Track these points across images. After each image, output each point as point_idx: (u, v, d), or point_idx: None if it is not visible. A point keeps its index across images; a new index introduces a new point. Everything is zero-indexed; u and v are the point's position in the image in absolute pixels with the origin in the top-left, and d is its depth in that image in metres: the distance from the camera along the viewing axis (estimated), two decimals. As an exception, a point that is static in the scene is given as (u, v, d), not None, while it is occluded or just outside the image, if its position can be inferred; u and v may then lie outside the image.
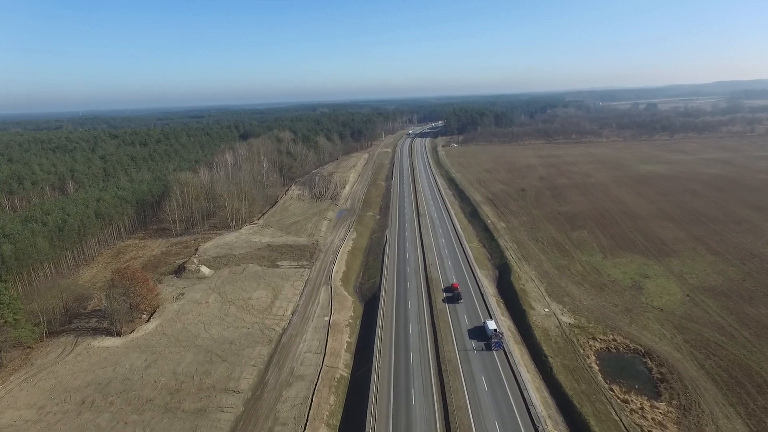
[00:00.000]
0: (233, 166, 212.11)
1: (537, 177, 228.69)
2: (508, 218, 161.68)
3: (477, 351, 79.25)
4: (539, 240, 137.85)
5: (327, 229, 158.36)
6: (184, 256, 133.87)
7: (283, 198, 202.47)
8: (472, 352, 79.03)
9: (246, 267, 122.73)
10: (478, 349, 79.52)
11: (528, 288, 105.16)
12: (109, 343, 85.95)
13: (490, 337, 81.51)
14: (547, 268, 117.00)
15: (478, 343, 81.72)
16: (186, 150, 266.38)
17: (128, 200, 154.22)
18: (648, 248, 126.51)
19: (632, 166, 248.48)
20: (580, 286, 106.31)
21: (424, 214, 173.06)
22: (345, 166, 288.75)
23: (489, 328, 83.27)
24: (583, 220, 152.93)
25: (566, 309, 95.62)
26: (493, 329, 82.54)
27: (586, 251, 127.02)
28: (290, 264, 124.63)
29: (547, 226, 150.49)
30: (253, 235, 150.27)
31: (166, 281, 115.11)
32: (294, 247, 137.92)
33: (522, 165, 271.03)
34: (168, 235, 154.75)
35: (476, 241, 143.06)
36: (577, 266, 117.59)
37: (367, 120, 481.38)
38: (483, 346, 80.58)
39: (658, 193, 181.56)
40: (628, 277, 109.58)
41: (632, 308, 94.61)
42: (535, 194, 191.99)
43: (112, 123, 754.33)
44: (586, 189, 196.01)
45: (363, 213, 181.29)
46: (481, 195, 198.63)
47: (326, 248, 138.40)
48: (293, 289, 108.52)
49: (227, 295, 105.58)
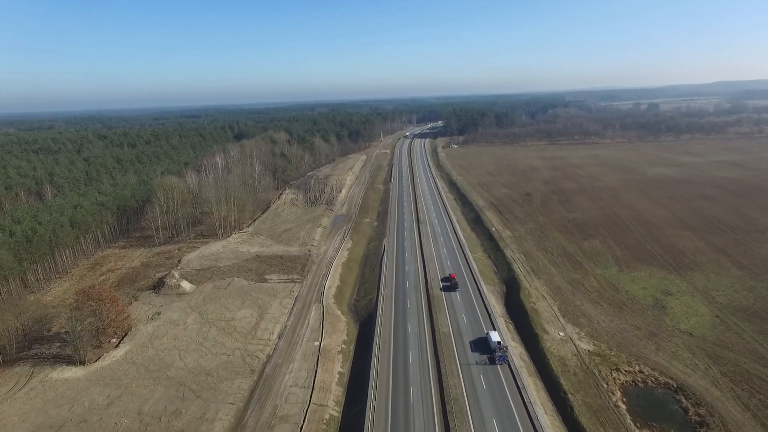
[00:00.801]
0: (224, 169, 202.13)
1: (542, 180, 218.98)
2: (513, 226, 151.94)
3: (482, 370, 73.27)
4: (548, 250, 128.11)
5: (321, 238, 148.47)
6: (165, 268, 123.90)
7: (275, 203, 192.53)
8: (481, 387, 69.28)
9: (231, 281, 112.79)
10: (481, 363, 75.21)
11: (540, 307, 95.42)
12: (69, 375, 75.99)
13: (494, 350, 76.88)
14: (559, 283, 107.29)
15: (481, 356, 77.38)
16: (176, 151, 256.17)
17: (108, 207, 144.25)
18: (667, 260, 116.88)
19: (640, 168, 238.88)
20: (597, 304, 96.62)
21: (425, 221, 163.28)
22: (342, 168, 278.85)
23: (492, 340, 78.74)
24: (594, 228, 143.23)
25: (583, 333, 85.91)
26: (497, 341, 77.97)
27: (600, 263, 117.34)
28: (279, 278, 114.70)
29: (556, 234, 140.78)
30: (241, 245, 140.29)
31: (142, 298, 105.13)
32: (285, 258, 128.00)
33: (525, 167, 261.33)
34: (151, 244, 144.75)
35: (480, 252, 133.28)
36: (591, 281, 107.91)
37: (365, 120, 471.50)
38: (486, 359, 76.14)
39: (671, 199, 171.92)
40: (648, 294, 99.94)
41: (657, 332, 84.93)
42: (541, 199, 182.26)
43: (107, 123, 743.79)
44: (595, 194, 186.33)
45: (360, 219, 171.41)
46: (484, 200, 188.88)
47: (319, 259, 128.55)
48: (281, 308, 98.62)
49: (208, 315, 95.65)
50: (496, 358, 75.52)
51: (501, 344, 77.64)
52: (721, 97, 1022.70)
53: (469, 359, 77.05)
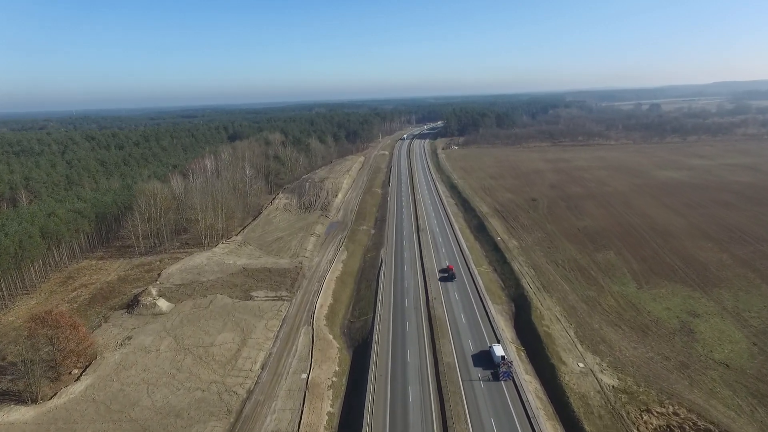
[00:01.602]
0: (213, 173, 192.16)
1: (547, 185, 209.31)
2: (520, 235, 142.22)
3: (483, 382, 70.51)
4: (559, 264, 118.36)
5: (314, 248, 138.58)
6: (143, 282, 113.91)
7: (267, 208, 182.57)
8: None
9: (214, 299, 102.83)
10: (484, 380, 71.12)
11: (554, 331, 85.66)
12: (16, 417, 65.98)
13: (498, 365, 72.46)
14: (574, 302, 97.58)
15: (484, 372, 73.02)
16: (166, 153, 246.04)
17: (86, 214, 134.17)
18: (689, 275, 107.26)
19: (649, 172, 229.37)
20: (617, 328, 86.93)
21: (425, 229, 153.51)
22: (338, 170, 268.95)
23: (496, 355, 74.17)
24: (607, 239, 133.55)
25: (605, 363, 76.18)
26: (501, 356, 73.52)
27: (617, 279, 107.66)
28: (267, 295, 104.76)
29: (566, 245, 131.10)
30: (227, 256, 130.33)
31: (114, 319, 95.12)
32: (273, 272, 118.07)
33: (529, 170, 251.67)
34: (131, 255, 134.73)
35: (485, 264, 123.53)
36: (608, 299, 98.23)
37: (363, 121, 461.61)
38: (489, 375, 71.91)
39: (686, 205, 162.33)
40: (673, 316, 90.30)
41: (689, 363, 75.27)
42: (548, 205, 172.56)
43: (102, 123, 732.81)
44: (604, 199, 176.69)
45: (356, 227, 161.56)
46: (488, 205, 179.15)
47: (311, 273, 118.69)
48: (266, 331, 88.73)
49: (184, 340, 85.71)
50: (500, 375, 70.97)
51: (505, 359, 73.16)
52: (723, 98, 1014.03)
53: (477, 396, 67.33)
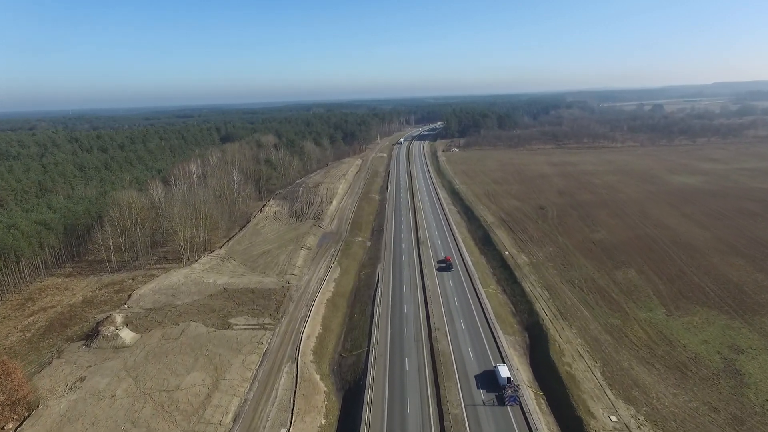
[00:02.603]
0: (199, 178, 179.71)
1: (555, 191, 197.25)
2: (529, 249, 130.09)
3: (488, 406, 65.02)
4: (576, 284, 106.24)
5: (304, 263, 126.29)
6: (110, 305, 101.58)
7: (256, 217, 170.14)
8: None
9: (187, 327, 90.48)
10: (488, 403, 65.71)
11: (577, 372, 73.53)
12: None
13: (503, 387, 67.08)
14: (596, 333, 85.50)
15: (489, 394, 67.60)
16: (152, 157, 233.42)
17: (53, 226, 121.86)
18: (724, 299, 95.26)
19: (662, 177, 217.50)
20: (651, 367, 74.83)
21: (425, 241, 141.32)
22: (334, 174, 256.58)
23: (501, 376, 68.52)
24: (625, 254, 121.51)
25: (641, 415, 64.10)
26: (506, 377, 68.22)
27: (642, 303, 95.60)
28: (247, 323, 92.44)
29: (582, 261, 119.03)
30: (207, 273, 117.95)
31: (68, 353, 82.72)
32: (257, 293, 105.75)
33: (534, 174, 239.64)
34: (102, 271, 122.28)
35: (493, 284, 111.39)
36: (635, 329, 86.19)
37: (361, 122, 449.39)
38: (494, 399, 66.43)
39: (707, 215, 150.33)
40: (713, 351, 78.29)
41: (743, 416, 63.22)
42: (558, 214, 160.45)
43: (95, 123, 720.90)
44: (618, 208, 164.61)
45: (351, 238, 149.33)
46: (493, 214, 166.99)
47: (299, 294, 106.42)
48: (243, 370, 76.43)
49: (146, 382, 73.36)
50: (506, 399, 65.50)
51: (511, 381, 67.99)
52: (725, 98, 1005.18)
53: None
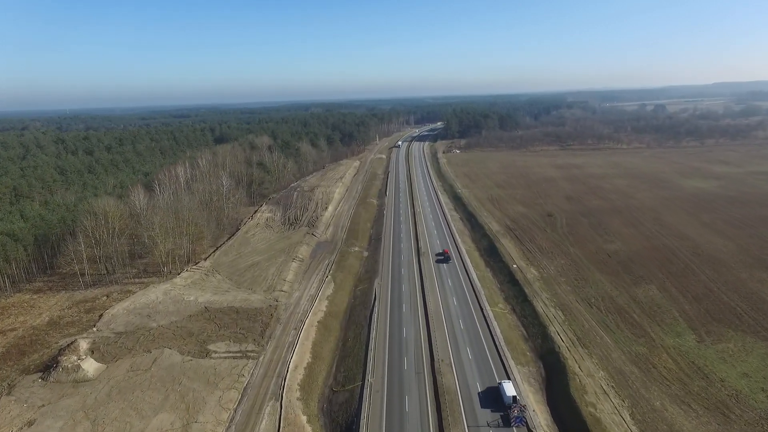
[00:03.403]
0: (186, 183, 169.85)
1: (563, 196, 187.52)
2: (539, 261, 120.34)
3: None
4: (592, 303, 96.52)
5: (295, 277, 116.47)
6: (78, 328, 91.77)
7: (246, 225, 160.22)
8: None
9: (159, 356, 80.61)
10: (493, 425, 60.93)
11: (603, 414, 63.74)
12: None
13: (509, 407, 62.90)
14: (620, 363, 75.76)
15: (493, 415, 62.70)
16: (141, 159, 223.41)
17: (21, 238, 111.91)
18: (759, 322, 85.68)
19: (674, 181, 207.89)
20: (686, 407, 65.10)
21: (426, 252, 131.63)
22: (331, 177, 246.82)
23: (506, 395, 64.09)
24: (644, 267, 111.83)
25: (684, 472, 54.28)
26: (512, 396, 63.79)
27: (668, 327, 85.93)
28: (228, 350, 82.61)
29: (597, 276, 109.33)
30: (188, 289, 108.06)
31: (21, 389, 72.75)
32: (241, 313, 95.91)
33: (539, 178, 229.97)
34: (75, 286, 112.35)
35: (501, 302, 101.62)
36: (663, 358, 76.55)
37: (359, 122, 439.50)
38: (499, 419, 61.74)
39: (728, 224, 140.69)
40: (756, 387, 68.68)
41: (804, 475, 53.47)
42: (567, 222, 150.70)
43: (90, 123, 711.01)
44: (631, 215, 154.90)
45: (347, 248, 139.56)
46: (498, 221, 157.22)
47: (288, 313, 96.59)
48: (219, 410, 66.57)
49: (105, 427, 63.49)
50: (512, 420, 61.01)
51: (517, 400, 63.68)
52: (726, 99, 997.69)
53: None
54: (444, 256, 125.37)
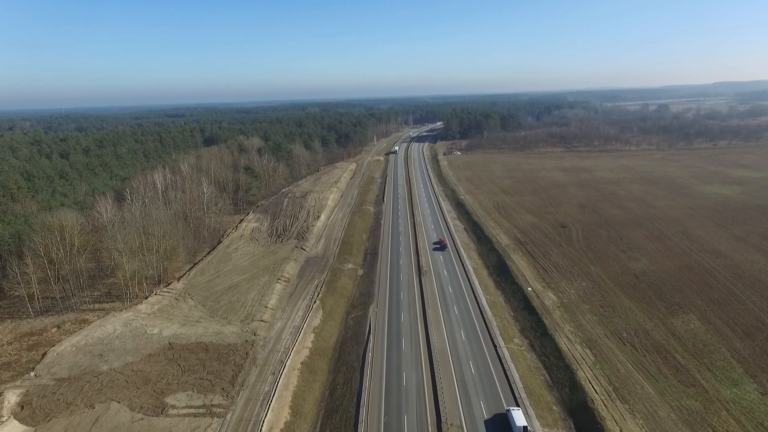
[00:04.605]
0: (168, 189, 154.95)
1: (575, 204, 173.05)
2: (557, 282, 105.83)
3: None
4: (625, 339, 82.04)
5: (279, 302, 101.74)
6: (14, 371, 76.99)
7: (229, 237, 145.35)
8: None
9: (104, 413, 65.80)
10: None
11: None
12: None
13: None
14: (671, 426, 61.26)
15: None
16: (121, 162, 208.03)
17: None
18: (831, 367, 71.23)
19: (693, 187, 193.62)
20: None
21: (429, 271, 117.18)
22: (325, 182, 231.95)
23: (516, 425, 58.26)
24: (679, 292, 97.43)
25: None
26: (523, 426, 57.89)
27: (720, 371, 71.53)
28: (190, 403, 67.81)
29: (625, 302, 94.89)
30: (153, 319, 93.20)
31: None
32: (211, 352, 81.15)
33: (547, 183, 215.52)
34: (23, 314, 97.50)
35: (517, 336, 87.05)
36: (723, 417, 62.18)
37: (356, 122, 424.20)
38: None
39: (765, 238, 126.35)
40: None
41: None
42: (584, 235, 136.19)
43: (82, 122, 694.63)
44: (654, 227, 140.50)
45: (339, 265, 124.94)
46: (506, 233, 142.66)
47: (267, 351, 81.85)
48: (167, 498, 51.77)
49: None
50: None
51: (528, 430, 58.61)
52: (729, 98, 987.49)
53: None
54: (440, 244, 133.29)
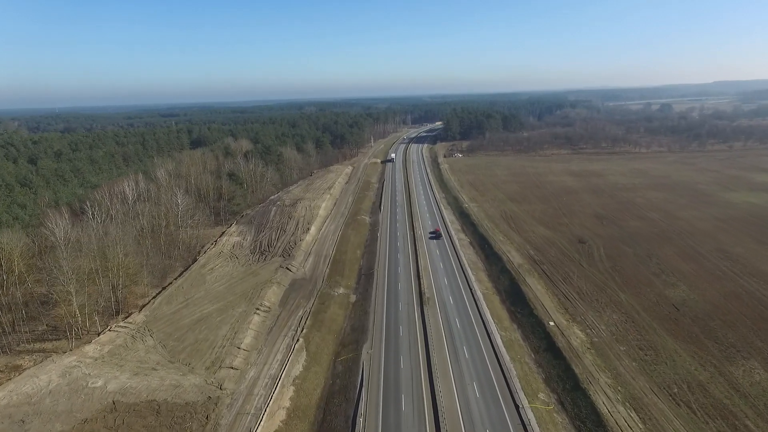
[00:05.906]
0: (136, 201, 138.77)
1: (591, 214, 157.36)
2: (583, 314, 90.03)
3: None
4: (678, 397, 66.21)
5: (255, 341, 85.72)
6: None
7: (207, 254, 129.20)
8: None
9: None
10: None
11: None
12: None
13: None
14: None
15: None
16: (95, 168, 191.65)
17: None
18: None
19: (716, 194, 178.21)
20: None
21: (432, 298, 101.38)
22: (317, 187, 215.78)
23: None
24: (731, 328, 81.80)
25: None
26: None
27: (809, 448, 55.76)
28: (123, 499, 51.64)
29: (668, 342, 79.16)
30: (99, 367, 76.98)
31: None
32: (164, 415, 65.05)
33: (557, 189, 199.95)
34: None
35: (542, 389, 71.09)
36: None
37: (353, 123, 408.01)
38: None
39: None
40: None
41: None
42: (607, 253, 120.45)
43: (72, 122, 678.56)
44: (685, 243, 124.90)
45: (329, 289, 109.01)
46: (518, 250, 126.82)
47: (233, 414, 65.78)
48: None
49: None
50: None
51: None
52: (731, 98, 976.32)
53: None
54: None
